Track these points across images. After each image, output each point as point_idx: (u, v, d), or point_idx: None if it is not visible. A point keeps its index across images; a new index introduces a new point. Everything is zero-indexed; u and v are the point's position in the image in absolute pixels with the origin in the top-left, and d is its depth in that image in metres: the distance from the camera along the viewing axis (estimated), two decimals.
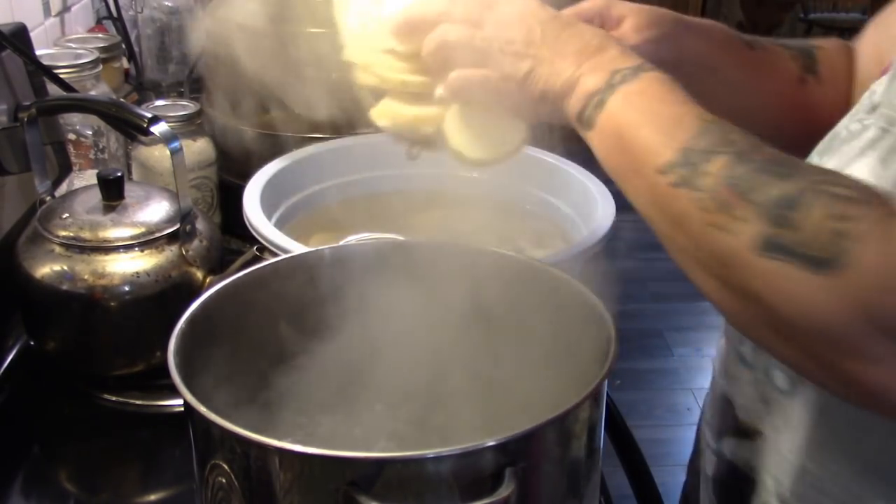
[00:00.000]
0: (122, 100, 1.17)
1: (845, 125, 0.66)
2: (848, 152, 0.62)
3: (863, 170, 0.58)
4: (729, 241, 0.52)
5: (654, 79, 0.60)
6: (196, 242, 0.94)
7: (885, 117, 0.60)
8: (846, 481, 0.63)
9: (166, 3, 1.58)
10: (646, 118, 0.58)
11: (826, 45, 0.82)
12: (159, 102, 1.23)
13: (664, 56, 0.73)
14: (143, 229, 0.91)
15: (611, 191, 0.99)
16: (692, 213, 0.53)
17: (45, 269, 0.89)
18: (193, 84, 1.51)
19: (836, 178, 0.52)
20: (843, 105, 0.76)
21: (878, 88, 0.65)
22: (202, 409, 0.54)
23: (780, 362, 0.65)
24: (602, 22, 0.77)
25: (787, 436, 0.67)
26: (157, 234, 0.92)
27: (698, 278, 0.55)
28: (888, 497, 0.61)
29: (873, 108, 0.63)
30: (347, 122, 1.20)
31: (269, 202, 1.01)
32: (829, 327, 0.49)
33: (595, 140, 0.61)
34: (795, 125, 0.77)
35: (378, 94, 0.70)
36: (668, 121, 0.57)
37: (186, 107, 1.19)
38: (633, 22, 0.76)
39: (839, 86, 0.80)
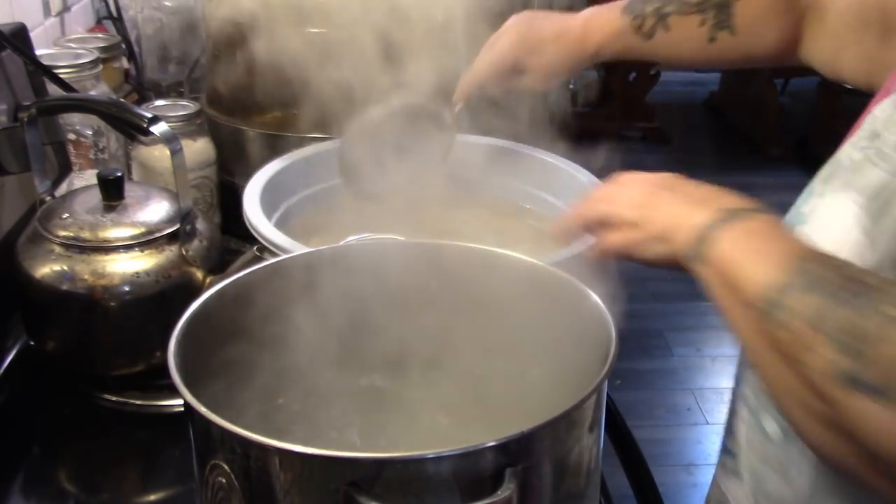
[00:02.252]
0: (122, 100, 1.17)
1: (848, 153, 0.67)
2: (848, 185, 0.64)
3: (853, 218, 0.62)
4: (810, 374, 0.53)
5: (760, 220, 0.62)
6: (196, 242, 0.94)
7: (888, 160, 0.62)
8: None
9: (166, 3, 1.58)
10: (745, 257, 0.60)
11: None
12: (159, 102, 1.23)
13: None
14: (143, 229, 0.91)
15: None
16: (777, 348, 0.56)
17: (45, 269, 0.89)
18: (193, 84, 1.51)
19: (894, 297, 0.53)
20: (771, 51, 0.89)
21: (880, 114, 0.65)
22: (202, 409, 0.54)
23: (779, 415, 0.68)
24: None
25: (773, 478, 0.70)
26: (157, 234, 0.92)
27: (793, 415, 0.57)
28: None
29: (875, 136, 0.64)
30: (348, 121, 1.20)
31: (269, 202, 1.01)
32: None
33: (703, 273, 0.63)
34: (709, 69, 0.96)
35: None
36: (768, 259, 0.58)
37: (186, 107, 1.19)
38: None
39: (763, 35, 0.89)
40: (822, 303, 0.53)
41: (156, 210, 0.94)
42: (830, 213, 0.65)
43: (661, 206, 0.67)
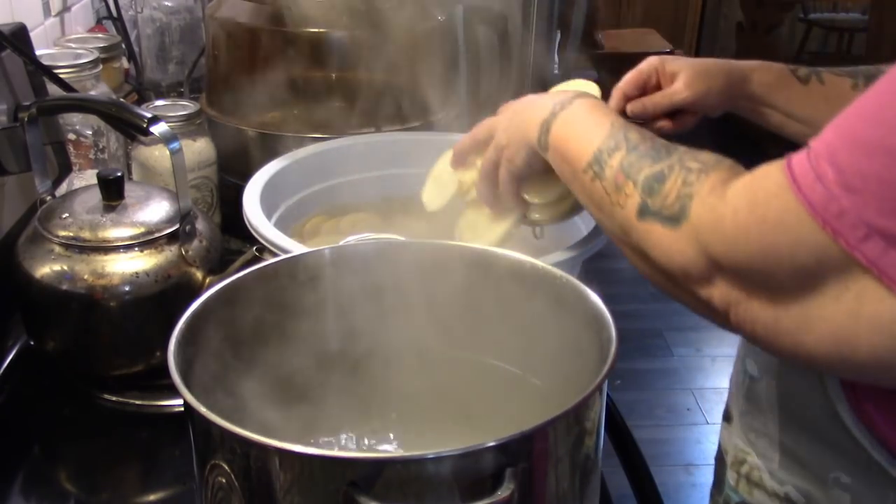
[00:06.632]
0: (122, 100, 1.17)
1: None
2: None
3: None
4: (624, 214, 0.66)
5: (582, 104, 0.76)
6: (196, 242, 0.94)
7: None
8: (805, 445, 0.74)
9: (166, 3, 1.58)
10: (574, 133, 0.74)
11: None
12: (159, 102, 1.23)
13: (714, 104, 0.92)
14: (142, 229, 0.91)
15: None
16: (604, 198, 0.69)
17: (45, 269, 0.89)
18: (193, 84, 1.51)
19: (695, 155, 0.65)
20: None
21: None
22: (202, 409, 0.54)
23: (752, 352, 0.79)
24: (658, 78, 0.93)
25: (757, 414, 0.79)
26: (157, 235, 0.92)
27: (624, 251, 0.68)
28: (836, 458, 0.71)
29: None
30: (348, 121, 1.21)
31: (269, 202, 1.01)
32: (683, 264, 0.62)
33: (549, 157, 0.77)
34: None
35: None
36: (587, 132, 0.73)
37: (186, 107, 1.19)
38: (685, 77, 0.91)
39: None
40: (632, 157, 0.67)
41: (155, 210, 0.94)
42: None
43: (517, 120, 0.81)
